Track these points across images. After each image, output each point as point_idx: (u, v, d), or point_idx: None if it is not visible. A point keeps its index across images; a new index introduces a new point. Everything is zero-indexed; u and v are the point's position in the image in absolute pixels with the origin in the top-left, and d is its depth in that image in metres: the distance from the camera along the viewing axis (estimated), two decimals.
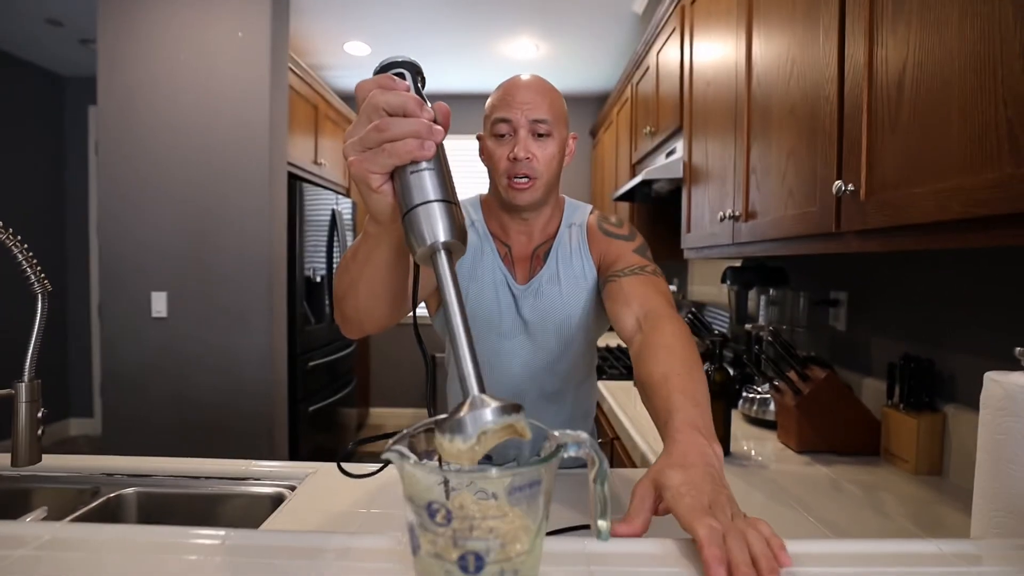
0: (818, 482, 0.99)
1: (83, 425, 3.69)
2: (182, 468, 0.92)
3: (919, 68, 0.70)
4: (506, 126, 0.85)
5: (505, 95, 0.87)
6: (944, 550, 0.44)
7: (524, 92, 0.86)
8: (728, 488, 0.48)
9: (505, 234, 0.96)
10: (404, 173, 0.41)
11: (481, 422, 0.35)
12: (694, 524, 0.41)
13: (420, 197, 0.40)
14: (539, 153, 0.86)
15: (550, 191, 0.91)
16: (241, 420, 2.28)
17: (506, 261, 0.96)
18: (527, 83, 0.87)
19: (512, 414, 0.36)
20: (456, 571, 0.34)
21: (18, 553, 0.42)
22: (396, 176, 0.42)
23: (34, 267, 0.69)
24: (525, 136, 0.85)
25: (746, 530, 0.41)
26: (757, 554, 0.39)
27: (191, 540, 0.45)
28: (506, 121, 0.85)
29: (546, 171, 0.87)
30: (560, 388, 0.97)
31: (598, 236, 0.96)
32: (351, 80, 3.77)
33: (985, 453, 0.56)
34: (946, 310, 1.06)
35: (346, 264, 0.61)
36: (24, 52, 3.27)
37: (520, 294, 0.94)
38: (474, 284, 0.94)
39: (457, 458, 0.36)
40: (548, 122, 0.86)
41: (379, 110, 0.41)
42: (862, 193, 0.81)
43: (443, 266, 0.39)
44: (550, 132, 0.86)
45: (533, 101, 0.85)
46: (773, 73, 1.14)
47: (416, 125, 0.40)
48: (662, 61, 2.07)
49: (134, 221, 2.25)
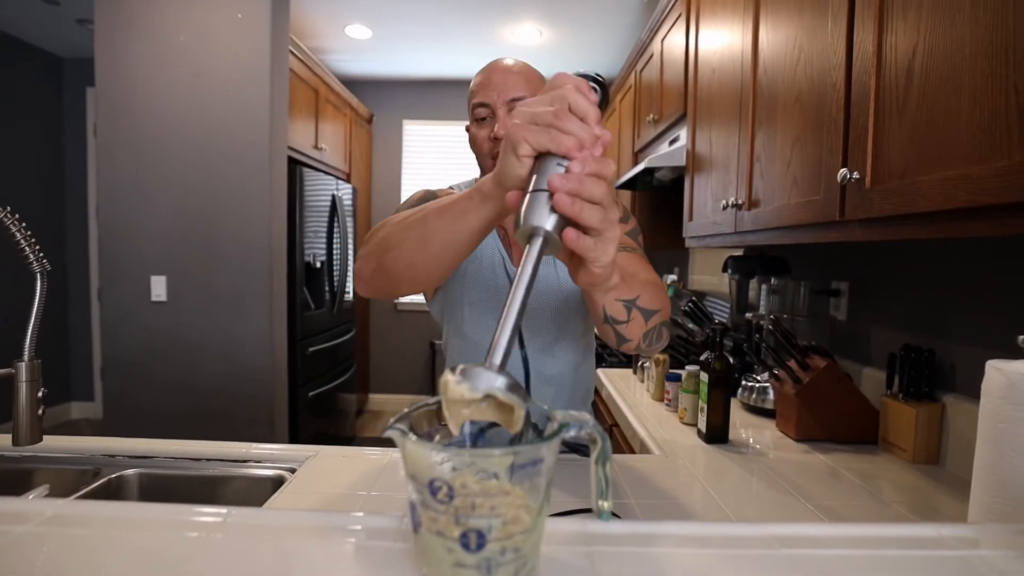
0: (816, 470, 1.00)
1: (84, 408, 3.70)
2: (183, 450, 0.92)
3: (929, 55, 0.69)
4: (484, 109, 0.86)
5: (482, 80, 0.88)
6: (943, 534, 0.44)
7: (499, 74, 0.87)
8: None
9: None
10: (550, 161, 0.44)
11: (493, 384, 0.36)
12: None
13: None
14: None
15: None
16: (242, 405, 2.29)
17: (504, 243, 0.96)
18: (503, 66, 0.88)
19: (519, 398, 0.37)
20: (458, 548, 0.34)
21: (21, 529, 0.42)
22: (540, 159, 0.45)
23: (33, 247, 0.68)
24: (504, 115, 0.85)
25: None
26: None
27: (194, 518, 0.45)
28: (484, 105, 0.86)
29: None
30: (559, 371, 0.97)
31: None
32: (352, 64, 3.73)
33: (985, 441, 0.56)
34: (948, 300, 1.05)
35: (424, 217, 0.62)
36: (21, 32, 3.23)
37: (515, 274, 0.93)
38: (472, 264, 0.94)
39: (454, 403, 0.37)
40: (525, 99, 0.84)
41: (565, 103, 0.44)
42: (867, 181, 0.81)
43: (535, 249, 0.41)
44: None
45: (509, 81, 0.86)
46: (780, 60, 1.12)
47: (586, 132, 0.43)
48: (667, 48, 2.05)
49: (133, 204, 2.24)
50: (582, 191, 0.41)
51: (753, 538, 0.44)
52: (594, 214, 0.41)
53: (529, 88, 0.87)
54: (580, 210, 0.41)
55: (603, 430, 0.39)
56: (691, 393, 1.26)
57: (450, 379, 0.37)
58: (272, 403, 2.31)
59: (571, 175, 0.41)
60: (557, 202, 0.41)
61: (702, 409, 1.15)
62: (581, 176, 0.41)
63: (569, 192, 0.41)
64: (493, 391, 0.36)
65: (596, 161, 0.43)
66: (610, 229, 0.43)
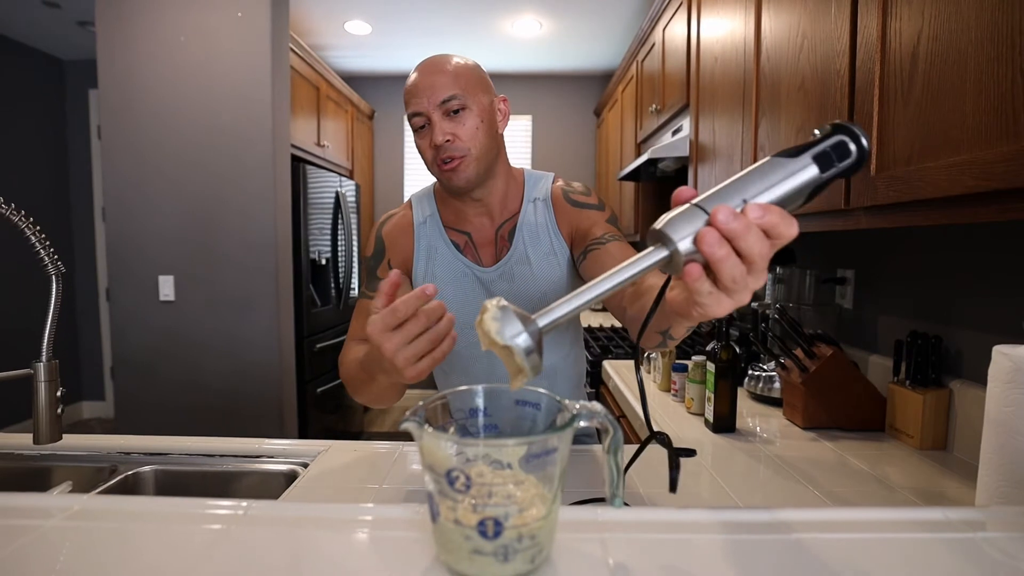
0: (823, 457, 1.01)
1: (96, 408, 3.74)
2: (197, 446, 0.93)
3: (934, 40, 0.69)
4: (419, 118, 0.83)
5: (411, 89, 0.83)
6: (950, 517, 0.45)
7: (424, 78, 0.82)
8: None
9: (463, 220, 0.93)
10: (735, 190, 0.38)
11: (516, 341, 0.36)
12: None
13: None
14: (458, 130, 0.82)
15: (488, 164, 0.86)
16: (251, 402, 2.31)
17: (466, 251, 0.93)
18: (426, 67, 0.83)
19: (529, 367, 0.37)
20: (475, 536, 0.35)
21: (49, 523, 0.44)
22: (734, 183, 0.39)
23: (47, 249, 0.70)
24: (439, 120, 0.82)
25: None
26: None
27: (214, 511, 0.46)
28: (417, 114, 0.82)
29: (473, 145, 0.83)
30: (549, 363, 0.97)
31: (565, 208, 0.92)
32: (353, 61, 3.72)
33: (992, 425, 0.57)
34: (954, 287, 1.05)
35: (364, 379, 0.72)
36: (22, 35, 3.24)
37: (489, 279, 0.91)
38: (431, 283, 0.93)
39: (487, 332, 0.37)
40: (458, 96, 0.81)
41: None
42: (872, 168, 0.81)
43: (654, 259, 0.37)
44: (464, 105, 0.82)
45: (436, 82, 0.81)
46: (783, 48, 1.12)
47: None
48: (668, 37, 2.04)
49: (139, 204, 2.26)
50: (741, 238, 0.34)
51: (763, 523, 0.44)
52: (736, 271, 0.35)
53: (459, 85, 0.82)
54: (723, 258, 0.34)
55: (615, 419, 0.40)
56: (698, 383, 1.26)
57: (489, 309, 0.37)
58: (281, 400, 2.33)
59: (742, 217, 0.34)
60: (701, 238, 0.34)
61: (709, 399, 1.16)
62: (751, 224, 0.34)
63: (725, 232, 0.34)
64: (512, 346, 0.36)
65: (779, 217, 0.35)
66: (742, 292, 0.36)
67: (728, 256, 0.34)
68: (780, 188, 0.37)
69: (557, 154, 4.03)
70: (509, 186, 0.92)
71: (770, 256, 0.36)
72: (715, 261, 0.35)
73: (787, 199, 0.37)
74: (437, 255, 0.93)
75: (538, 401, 0.41)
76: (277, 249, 2.30)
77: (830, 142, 0.38)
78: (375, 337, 0.52)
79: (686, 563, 0.39)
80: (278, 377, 2.32)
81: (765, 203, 0.36)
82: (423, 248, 0.93)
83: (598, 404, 0.39)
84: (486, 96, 0.85)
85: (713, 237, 0.34)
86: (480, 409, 0.43)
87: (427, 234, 0.93)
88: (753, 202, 0.36)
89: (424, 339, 0.52)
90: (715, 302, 0.37)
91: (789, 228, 0.35)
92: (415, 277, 0.93)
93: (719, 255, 0.34)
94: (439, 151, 0.82)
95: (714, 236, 0.34)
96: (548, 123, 4.01)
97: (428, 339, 0.53)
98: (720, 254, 0.34)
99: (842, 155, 0.38)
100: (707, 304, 0.37)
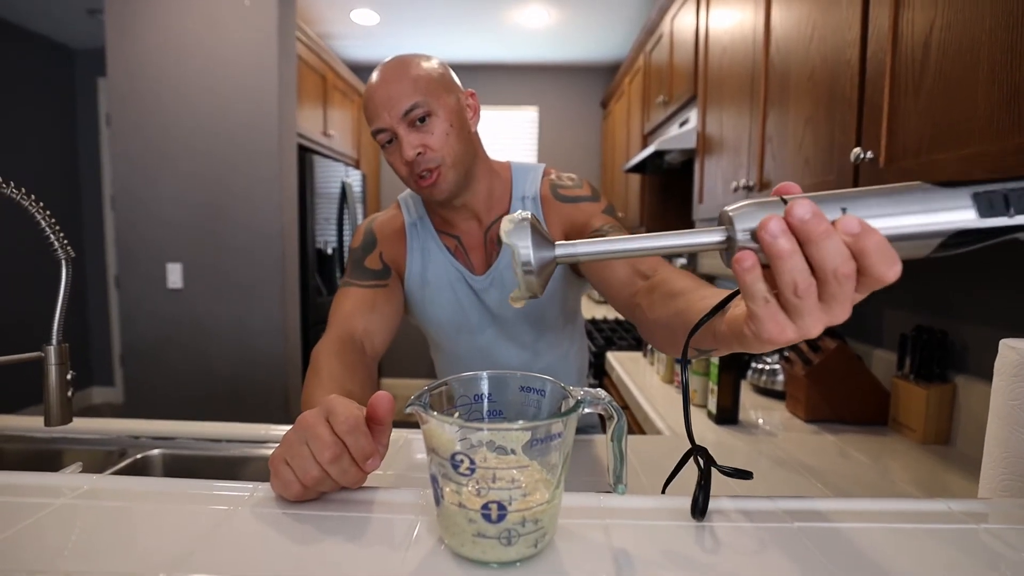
0: (825, 449, 1.01)
1: (106, 394, 3.79)
2: (204, 431, 0.95)
3: (947, 29, 0.68)
4: (384, 134, 0.78)
5: (368, 104, 0.78)
6: (953, 508, 0.45)
7: (381, 90, 0.76)
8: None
9: (451, 224, 0.89)
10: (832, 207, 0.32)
11: (519, 248, 0.34)
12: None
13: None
14: (428, 140, 0.77)
15: (466, 168, 0.81)
16: (257, 390, 2.34)
17: (458, 254, 0.89)
18: (381, 78, 0.77)
19: (522, 272, 0.35)
20: (479, 519, 0.35)
21: (59, 502, 0.44)
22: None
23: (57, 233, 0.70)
24: (405, 132, 0.76)
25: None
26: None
27: (221, 492, 0.46)
28: (381, 131, 0.77)
29: (447, 152, 0.78)
30: (547, 364, 0.95)
31: (555, 206, 0.86)
32: (359, 50, 3.71)
33: (997, 418, 0.57)
34: (961, 281, 1.05)
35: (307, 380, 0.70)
36: (32, 23, 3.24)
37: (480, 286, 0.88)
38: (428, 289, 0.90)
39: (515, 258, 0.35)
40: (420, 104, 0.76)
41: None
42: (881, 160, 0.80)
43: (712, 238, 0.33)
44: (429, 111, 0.76)
45: (393, 93, 0.76)
46: (792, 38, 1.11)
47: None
48: (676, 28, 2.02)
49: (147, 192, 2.27)
50: (818, 244, 0.29)
51: (765, 512, 0.45)
52: (797, 275, 0.29)
53: (419, 91, 0.75)
54: (784, 254, 0.29)
55: (619, 406, 0.40)
56: (701, 375, 1.26)
57: (509, 215, 0.36)
58: (286, 388, 2.35)
59: (827, 221, 0.29)
60: (763, 224, 0.29)
61: (712, 390, 1.16)
62: (833, 232, 0.29)
63: (797, 228, 0.29)
64: (512, 247, 0.34)
65: (881, 247, 0.29)
66: (807, 316, 0.30)
67: (792, 255, 0.29)
68: (905, 218, 0.30)
69: (563, 146, 4.01)
70: (494, 185, 0.87)
71: (854, 293, 0.30)
72: (773, 254, 0.29)
73: (909, 235, 0.30)
74: (431, 258, 0.90)
75: (543, 387, 0.42)
76: (283, 238, 2.31)
77: (1009, 185, 0.30)
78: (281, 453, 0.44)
79: (689, 550, 0.39)
80: (284, 365, 2.34)
81: (869, 224, 0.29)
82: (417, 249, 0.90)
83: (602, 391, 0.39)
84: (451, 96, 0.79)
85: (777, 226, 0.29)
86: (485, 395, 0.43)
87: (420, 235, 0.90)
88: (853, 215, 0.29)
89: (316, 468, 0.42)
90: (771, 317, 0.31)
91: (886, 266, 0.29)
92: (410, 278, 0.90)
93: (778, 247, 0.29)
94: (412, 166, 0.77)
95: (779, 225, 0.29)
96: (554, 115, 3.99)
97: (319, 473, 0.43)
98: (780, 246, 0.29)
99: (1021, 205, 0.29)
100: (762, 318, 0.31)
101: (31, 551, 0.38)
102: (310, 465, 0.42)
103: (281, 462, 0.44)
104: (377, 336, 0.82)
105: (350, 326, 0.80)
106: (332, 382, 0.67)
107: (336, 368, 0.70)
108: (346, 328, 0.80)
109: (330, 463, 0.42)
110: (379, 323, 0.83)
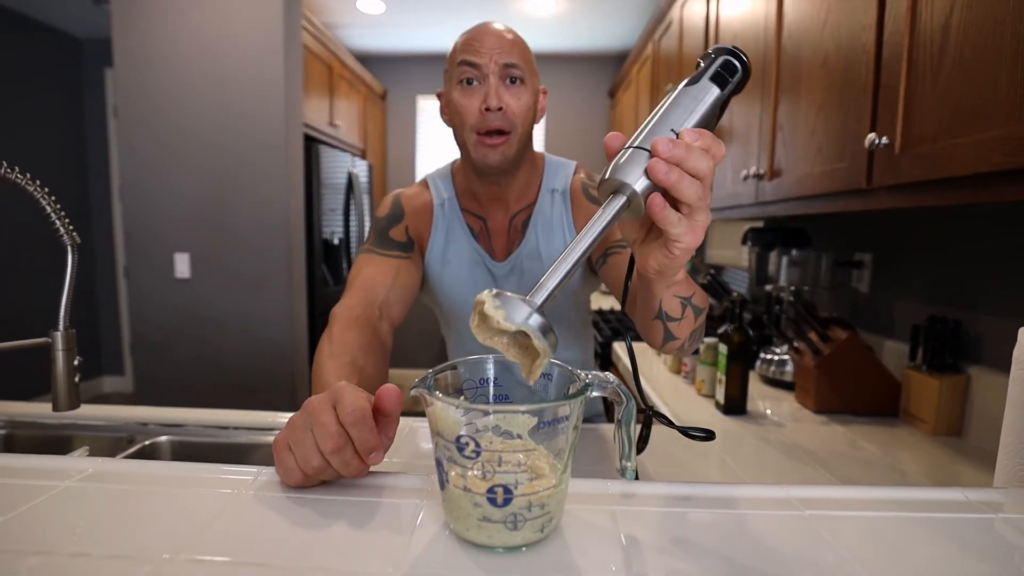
0: (835, 440, 1.00)
1: (116, 383, 3.83)
2: (212, 418, 0.95)
3: (968, 10, 0.66)
4: (473, 70, 0.75)
5: (471, 39, 0.76)
6: (969, 497, 0.44)
7: (492, 37, 0.75)
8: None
9: (480, 205, 0.89)
10: (663, 124, 0.40)
11: (528, 321, 0.35)
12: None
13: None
14: (513, 103, 0.76)
15: (524, 149, 0.82)
16: (263, 380, 2.35)
17: (480, 237, 0.89)
18: (495, 29, 0.77)
19: (548, 346, 0.36)
20: (485, 503, 0.35)
21: (64, 484, 0.44)
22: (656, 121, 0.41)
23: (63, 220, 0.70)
24: (496, 83, 0.74)
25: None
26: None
27: (225, 476, 0.46)
28: (473, 65, 0.74)
29: (521, 124, 0.78)
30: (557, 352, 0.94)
31: (585, 205, 0.86)
32: (365, 40, 3.69)
33: (1014, 407, 0.56)
34: (975, 270, 1.03)
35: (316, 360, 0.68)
36: (39, 14, 3.24)
37: (499, 272, 0.88)
38: (447, 269, 0.89)
39: (485, 322, 0.35)
40: (521, 68, 0.76)
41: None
42: (897, 146, 0.78)
43: (615, 207, 0.38)
44: (523, 78, 0.77)
45: (503, 46, 0.75)
46: (806, 23, 1.08)
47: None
48: (686, 15, 1.99)
49: (155, 182, 2.27)
50: (687, 160, 0.37)
51: (775, 499, 0.44)
52: (692, 189, 0.37)
53: (523, 58, 0.77)
54: (677, 180, 0.37)
55: (627, 390, 0.39)
56: (709, 365, 1.25)
57: (487, 302, 0.35)
58: (293, 378, 2.36)
59: (680, 142, 0.37)
60: (652, 168, 0.37)
61: (720, 380, 1.15)
62: (690, 145, 0.37)
63: (671, 159, 0.37)
64: (527, 328, 0.35)
65: (711, 139, 0.39)
66: (703, 212, 0.39)
67: (682, 177, 0.37)
68: (698, 112, 0.41)
69: (570, 136, 3.98)
70: (530, 175, 0.88)
71: (712, 170, 0.38)
72: (672, 185, 0.37)
73: (705, 121, 0.41)
74: (454, 237, 0.90)
75: (550, 372, 0.41)
76: (290, 228, 2.31)
77: (719, 63, 0.42)
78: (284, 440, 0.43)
79: (698, 537, 0.39)
80: (291, 355, 2.35)
81: (693, 128, 0.39)
82: (441, 228, 0.90)
83: (611, 374, 0.38)
84: (537, 81, 0.83)
85: (663, 166, 0.37)
86: (491, 379, 0.42)
87: (446, 215, 0.90)
88: (682, 129, 0.39)
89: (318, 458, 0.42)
90: (687, 228, 0.39)
91: (719, 147, 0.39)
92: (431, 255, 0.91)
93: (674, 179, 0.37)
94: (487, 117, 0.75)
95: (663, 165, 0.37)
96: (561, 104, 3.95)
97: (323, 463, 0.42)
98: (674, 178, 0.37)
99: (731, 71, 0.42)
100: (681, 233, 0.39)
101: (36, 532, 0.38)
102: (312, 454, 0.42)
103: (284, 447, 0.43)
104: (395, 307, 0.82)
105: (372, 293, 0.80)
106: (346, 355, 0.67)
107: (352, 340, 0.70)
108: (367, 295, 0.79)
109: (332, 454, 0.41)
110: (398, 294, 0.83)
